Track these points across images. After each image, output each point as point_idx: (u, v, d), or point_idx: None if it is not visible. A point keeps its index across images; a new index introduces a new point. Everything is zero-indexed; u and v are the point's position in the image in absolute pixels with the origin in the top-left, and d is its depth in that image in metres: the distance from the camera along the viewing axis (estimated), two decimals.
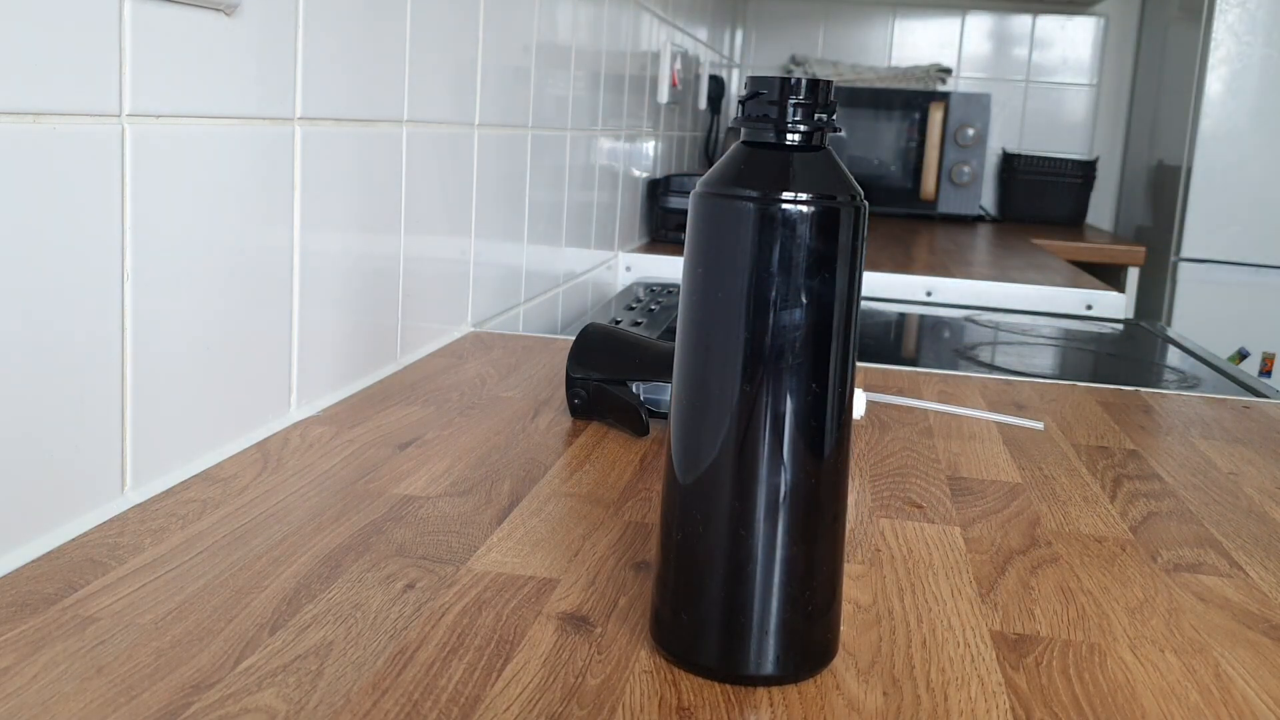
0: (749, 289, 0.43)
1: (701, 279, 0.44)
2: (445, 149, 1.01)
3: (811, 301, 0.43)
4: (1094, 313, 1.71)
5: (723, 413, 0.44)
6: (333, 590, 0.51)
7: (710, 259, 0.44)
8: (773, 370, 0.43)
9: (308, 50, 0.74)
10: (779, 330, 0.43)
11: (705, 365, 0.44)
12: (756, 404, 0.43)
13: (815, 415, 0.44)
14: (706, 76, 2.57)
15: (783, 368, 0.43)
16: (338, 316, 0.83)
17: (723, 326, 0.43)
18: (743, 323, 0.43)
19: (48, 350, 0.54)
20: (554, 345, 1.07)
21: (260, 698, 0.42)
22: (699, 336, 0.44)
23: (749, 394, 0.43)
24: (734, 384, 0.43)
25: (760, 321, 0.43)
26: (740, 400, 0.43)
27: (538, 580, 0.53)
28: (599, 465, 0.71)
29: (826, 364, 0.44)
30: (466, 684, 0.43)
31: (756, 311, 0.43)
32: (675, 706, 0.43)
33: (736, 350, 0.43)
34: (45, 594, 0.49)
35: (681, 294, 0.45)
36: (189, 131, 0.63)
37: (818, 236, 0.43)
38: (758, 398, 0.43)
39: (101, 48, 0.56)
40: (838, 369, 0.44)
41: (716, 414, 0.44)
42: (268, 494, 0.62)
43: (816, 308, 0.43)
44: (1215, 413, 0.97)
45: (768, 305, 0.43)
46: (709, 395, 0.44)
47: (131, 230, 0.58)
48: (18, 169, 0.51)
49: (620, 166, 1.79)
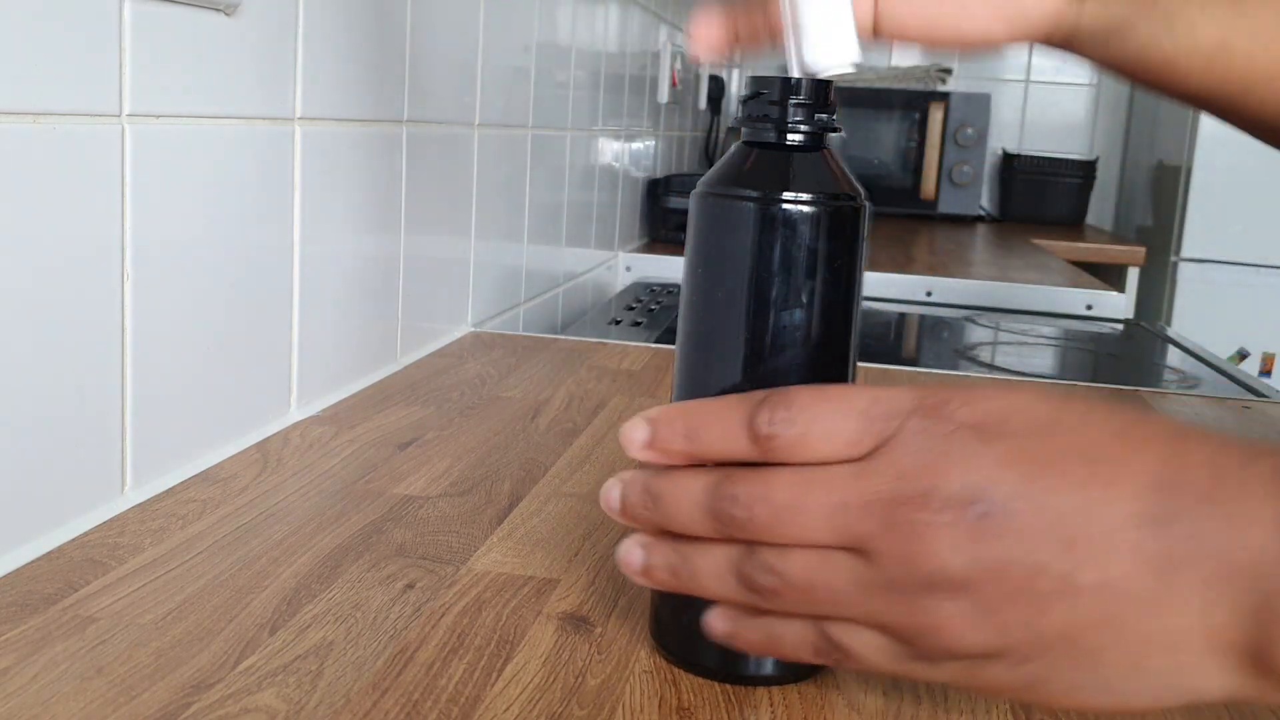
0: (749, 289, 0.43)
1: (702, 279, 0.44)
2: (445, 149, 1.01)
3: (813, 302, 0.43)
4: (1094, 313, 1.71)
5: None
6: (333, 590, 0.51)
7: (711, 259, 0.44)
8: (774, 371, 0.43)
9: (308, 50, 0.74)
10: (780, 331, 0.43)
11: (706, 366, 0.44)
12: None
13: None
14: (706, 76, 2.57)
15: (784, 368, 0.43)
16: (338, 316, 0.83)
17: (723, 327, 0.43)
18: (743, 323, 0.43)
19: (48, 350, 0.54)
20: (554, 345, 1.07)
21: (260, 698, 0.42)
22: (699, 337, 0.44)
23: None
24: (735, 385, 0.43)
25: (761, 322, 0.43)
26: None
27: (538, 580, 0.53)
28: (599, 465, 0.71)
29: (829, 365, 0.43)
30: (467, 684, 0.43)
31: (757, 312, 0.43)
32: (675, 706, 0.43)
33: (737, 351, 0.43)
34: (45, 594, 0.49)
35: (682, 294, 0.45)
36: (189, 131, 0.63)
37: (819, 237, 0.42)
38: None
39: (101, 48, 0.56)
40: (840, 370, 0.44)
41: None
42: (268, 494, 0.62)
43: (818, 308, 0.43)
44: (1215, 413, 0.97)
45: (768, 306, 0.42)
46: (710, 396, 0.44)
47: (132, 230, 0.58)
48: (17, 169, 0.51)
49: (620, 166, 1.79)
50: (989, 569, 0.34)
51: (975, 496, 0.34)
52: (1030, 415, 0.36)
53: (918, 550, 0.34)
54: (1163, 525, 0.33)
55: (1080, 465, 0.35)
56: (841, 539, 0.36)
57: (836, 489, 0.36)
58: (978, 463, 0.35)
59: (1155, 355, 1.50)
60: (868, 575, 0.35)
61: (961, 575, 0.34)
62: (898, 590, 0.35)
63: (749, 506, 0.36)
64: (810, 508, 0.36)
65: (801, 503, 0.36)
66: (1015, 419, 0.36)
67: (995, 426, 0.36)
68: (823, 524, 0.36)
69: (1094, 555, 0.34)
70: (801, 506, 0.36)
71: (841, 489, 0.36)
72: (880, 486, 0.35)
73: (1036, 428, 0.36)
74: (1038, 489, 0.34)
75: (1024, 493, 0.34)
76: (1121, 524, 0.34)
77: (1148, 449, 0.35)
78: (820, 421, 0.36)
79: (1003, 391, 0.37)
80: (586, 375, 0.96)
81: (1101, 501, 0.34)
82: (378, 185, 0.88)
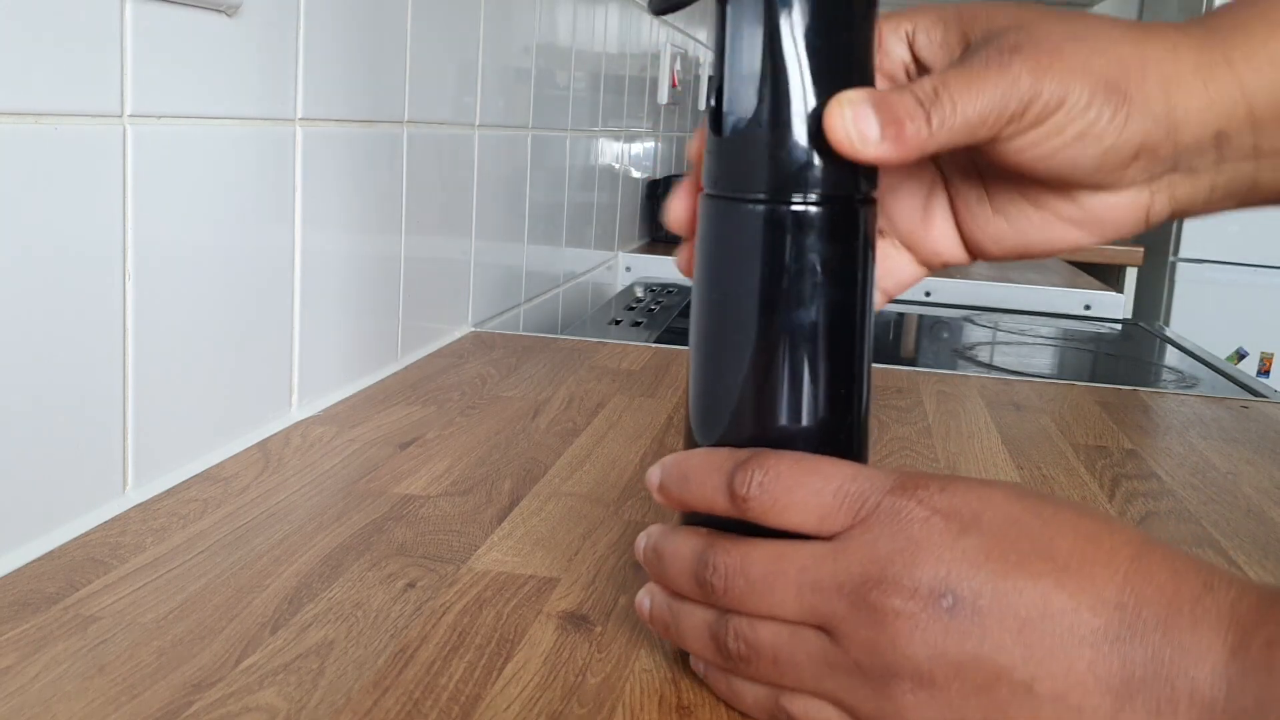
0: (760, 290, 0.42)
1: (711, 280, 0.44)
2: (446, 149, 1.02)
3: (824, 301, 0.42)
4: (1092, 313, 1.72)
5: None
6: (334, 589, 0.51)
7: (720, 260, 0.43)
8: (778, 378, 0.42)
9: (309, 51, 0.75)
10: (793, 330, 0.42)
11: (718, 366, 0.43)
12: None
13: None
14: (706, 77, 2.57)
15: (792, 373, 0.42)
16: (339, 316, 0.83)
17: (734, 327, 0.43)
18: (754, 323, 0.42)
19: (49, 350, 0.54)
20: (554, 345, 1.07)
21: (261, 696, 0.42)
22: (710, 338, 0.44)
23: None
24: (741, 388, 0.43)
25: (772, 321, 0.42)
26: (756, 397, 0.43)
27: (538, 579, 0.54)
28: (599, 465, 0.72)
29: (842, 364, 0.43)
30: (467, 683, 0.44)
31: (767, 312, 0.42)
32: (675, 705, 0.43)
33: (747, 349, 0.42)
34: (47, 593, 0.49)
35: (693, 295, 0.45)
36: (190, 132, 0.63)
37: (827, 236, 0.42)
38: None
39: (103, 49, 0.56)
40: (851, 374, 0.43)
41: None
42: (269, 493, 0.63)
43: (830, 307, 0.42)
44: (1214, 412, 0.97)
45: (778, 305, 0.42)
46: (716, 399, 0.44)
47: (133, 230, 0.59)
48: (18, 169, 0.51)
49: (620, 167, 1.79)
50: (952, 664, 0.35)
51: (944, 589, 0.35)
52: (1004, 512, 0.37)
53: (882, 637, 0.35)
54: (1121, 645, 0.34)
55: (1048, 572, 0.35)
56: (810, 617, 0.37)
57: (809, 568, 0.37)
58: (949, 554, 0.36)
59: (1154, 355, 1.50)
60: (833, 654, 0.37)
61: (925, 667, 0.35)
62: (861, 673, 0.36)
63: (726, 578, 0.38)
64: (783, 584, 0.37)
65: (775, 579, 0.37)
66: (989, 514, 0.36)
67: (970, 519, 0.36)
68: (793, 601, 0.37)
69: (1054, 667, 0.34)
70: (774, 583, 0.37)
71: (814, 568, 0.37)
72: (852, 568, 0.36)
73: (1009, 526, 0.36)
74: (1006, 588, 0.35)
75: (992, 591, 0.35)
76: (1082, 639, 0.34)
77: (1113, 563, 0.35)
78: (795, 493, 0.38)
79: (979, 484, 0.38)
80: (586, 375, 0.96)
81: (1066, 612, 0.35)
82: (378, 186, 0.88)
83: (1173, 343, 1.54)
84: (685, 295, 1.68)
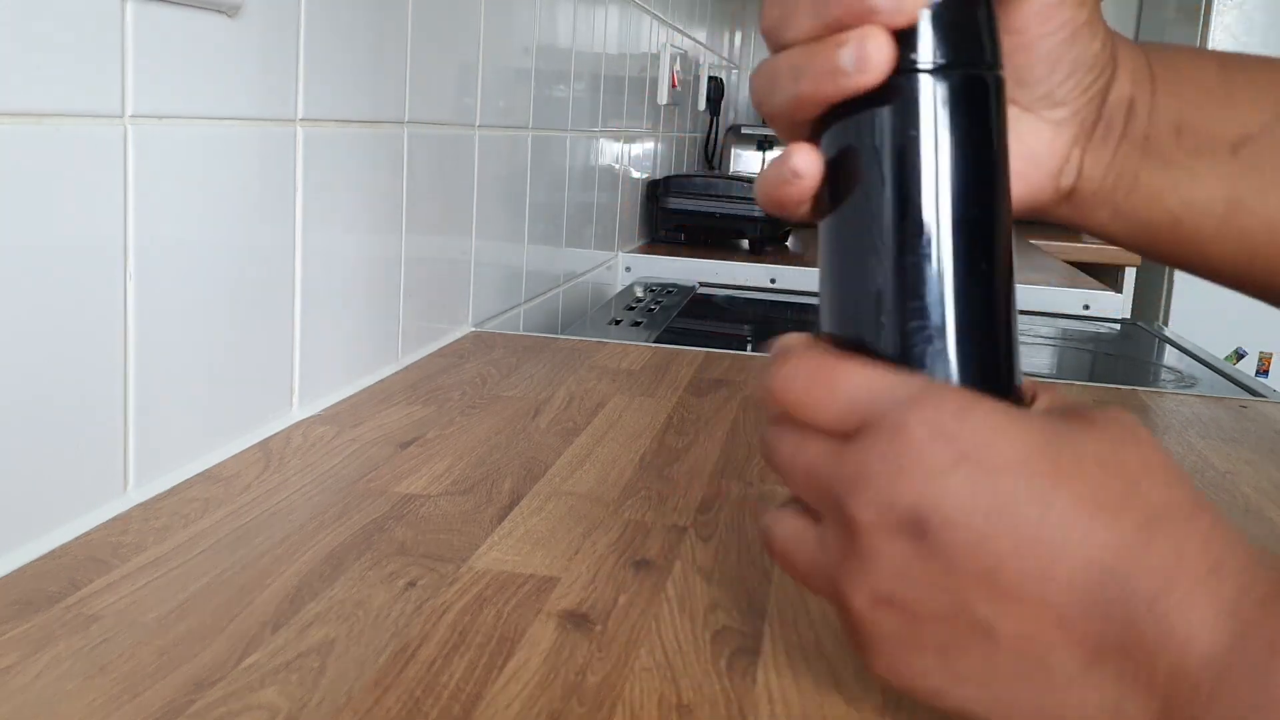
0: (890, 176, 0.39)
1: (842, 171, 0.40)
2: (446, 150, 1.02)
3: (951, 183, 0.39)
4: (1091, 312, 1.72)
5: None
6: (335, 588, 0.51)
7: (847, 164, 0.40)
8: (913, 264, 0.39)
9: (309, 52, 0.75)
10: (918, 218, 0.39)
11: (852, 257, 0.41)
12: None
13: None
14: (706, 78, 2.58)
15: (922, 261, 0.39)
16: (340, 316, 0.83)
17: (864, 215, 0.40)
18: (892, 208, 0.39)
19: (50, 350, 0.54)
20: (554, 345, 1.08)
21: (263, 695, 0.42)
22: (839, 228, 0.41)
23: None
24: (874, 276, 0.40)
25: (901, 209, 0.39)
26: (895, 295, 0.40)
27: (538, 578, 0.54)
28: (599, 464, 0.72)
29: (983, 255, 0.40)
30: (468, 681, 0.44)
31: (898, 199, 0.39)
32: (675, 704, 0.43)
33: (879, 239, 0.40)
34: (49, 592, 0.49)
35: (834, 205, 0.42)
36: (191, 133, 0.63)
37: (954, 112, 0.39)
38: None
39: (103, 49, 0.56)
40: (999, 258, 0.40)
41: None
42: (270, 493, 0.63)
43: (960, 189, 0.39)
44: (1212, 412, 0.98)
45: (908, 191, 0.39)
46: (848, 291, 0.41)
47: (134, 231, 0.59)
48: (19, 170, 0.51)
49: (620, 167, 1.79)
50: (913, 588, 0.36)
51: (915, 517, 0.35)
52: (1012, 453, 0.35)
53: (850, 546, 0.37)
54: (1099, 610, 0.34)
55: (1042, 523, 0.34)
56: (811, 502, 0.40)
57: (815, 462, 0.39)
58: (933, 486, 0.35)
59: (1152, 355, 1.51)
60: (823, 539, 0.40)
61: (885, 586, 0.36)
62: (837, 569, 0.38)
63: (768, 454, 0.41)
64: (795, 469, 0.40)
65: (791, 463, 0.40)
66: (995, 449, 0.35)
67: (970, 452, 0.35)
68: (802, 484, 0.40)
69: (1021, 611, 0.35)
70: (790, 467, 0.40)
71: (820, 463, 0.39)
72: (844, 473, 0.37)
73: (1017, 463, 0.35)
74: (989, 528, 0.35)
75: (974, 526, 0.35)
76: (1058, 594, 0.34)
77: (1117, 524, 0.34)
78: (812, 391, 0.39)
79: (1004, 415, 0.36)
80: (586, 375, 0.96)
81: (1048, 562, 0.34)
82: (379, 186, 0.88)
83: (1171, 342, 1.54)
84: (685, 295, 1.68)
